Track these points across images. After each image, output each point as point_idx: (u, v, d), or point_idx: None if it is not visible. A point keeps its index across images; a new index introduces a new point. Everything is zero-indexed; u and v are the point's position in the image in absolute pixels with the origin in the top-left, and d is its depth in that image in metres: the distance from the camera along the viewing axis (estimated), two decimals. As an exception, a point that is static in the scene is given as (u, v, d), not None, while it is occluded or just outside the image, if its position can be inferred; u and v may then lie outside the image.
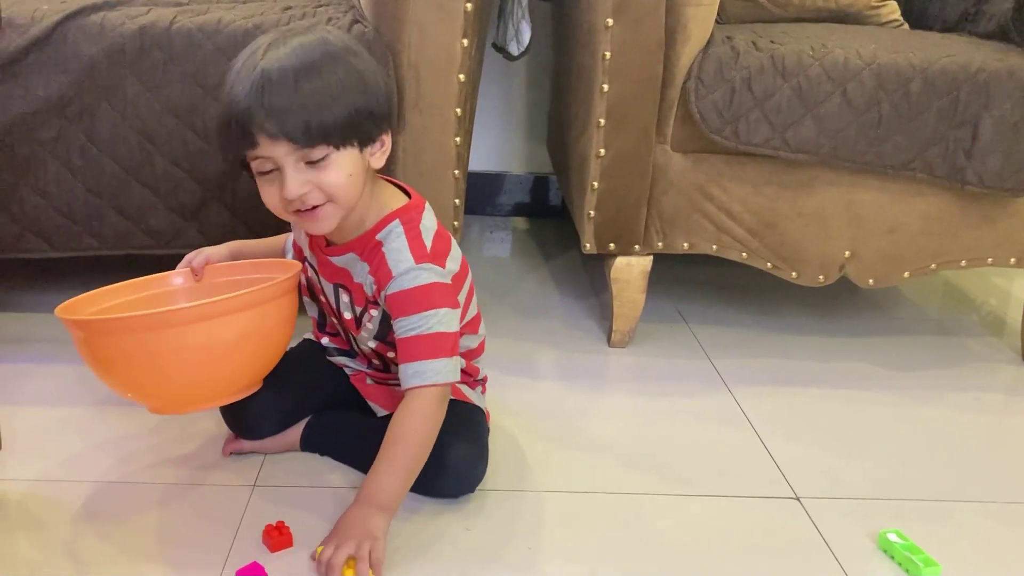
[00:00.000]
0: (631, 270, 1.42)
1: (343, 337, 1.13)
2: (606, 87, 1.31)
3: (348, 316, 1.05)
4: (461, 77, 1.25)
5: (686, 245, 1.42)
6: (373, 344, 1.06)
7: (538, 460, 1.14)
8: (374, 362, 1.12)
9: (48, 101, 1.23)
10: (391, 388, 1.12)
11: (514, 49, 1.72)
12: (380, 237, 0.98)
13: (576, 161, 1.47)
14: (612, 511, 1.05)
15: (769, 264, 1.43)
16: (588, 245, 1.41)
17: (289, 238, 1.14)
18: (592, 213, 1.39)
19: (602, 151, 1.35)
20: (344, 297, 1.04)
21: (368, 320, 1.03)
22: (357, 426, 1.11)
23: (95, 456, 1.10)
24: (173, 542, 0.95)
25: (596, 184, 1.37)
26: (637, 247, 1.41)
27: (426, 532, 0.99)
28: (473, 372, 1.13)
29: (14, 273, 1.54)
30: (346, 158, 0.92)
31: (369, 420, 1.11)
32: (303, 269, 1.08)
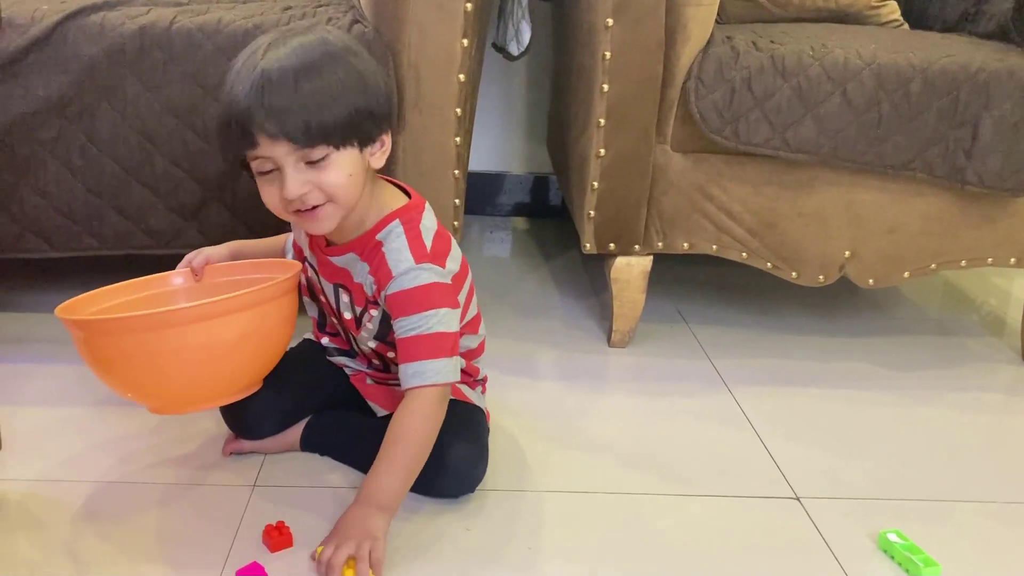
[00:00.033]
0: (631, 270, 1.42)
1: (343, 337, 1.13)
2: (606, 87, 1.32)
3: (348, 316, 1.05)
4: (461, 77, 1.25)
5: (686, 245, 1.42)
6: (373, 344, 1.06)
7: (538, 460, 1.14)
8: (374, 362, 1.12)
9: (48, 101, 1.23)
10: (391, 388, 1.12)
11: (514, 49, 1.72)
12: (380, 237, 0.98)
13: (576, 161, 1.47)
14: (612, 511, 1.05)
15: (769, 264, 1.43)
16: (588, 245, 1.41)
17: (289, 238, 1.13)
18: (592, 213, 1.39)
19: (602, 151, 1.35)
20: (344, 297, 1.04)
21: (368, 320, 1.03)
22: (357, 426, 1.11)
23: (95, 456, 1.10)
24: (173, 542, 0.95)
25: (596, 184, 1.37)
26: (637, 247, 1.41)
27: (426, 532, 0.99)
28: (473, 372, 1.13)
29: (14, 273, 1.54)
30: (346, 158, 0.92)
31: (369, 420, 1.11)
32: (303, 269, 1.08)
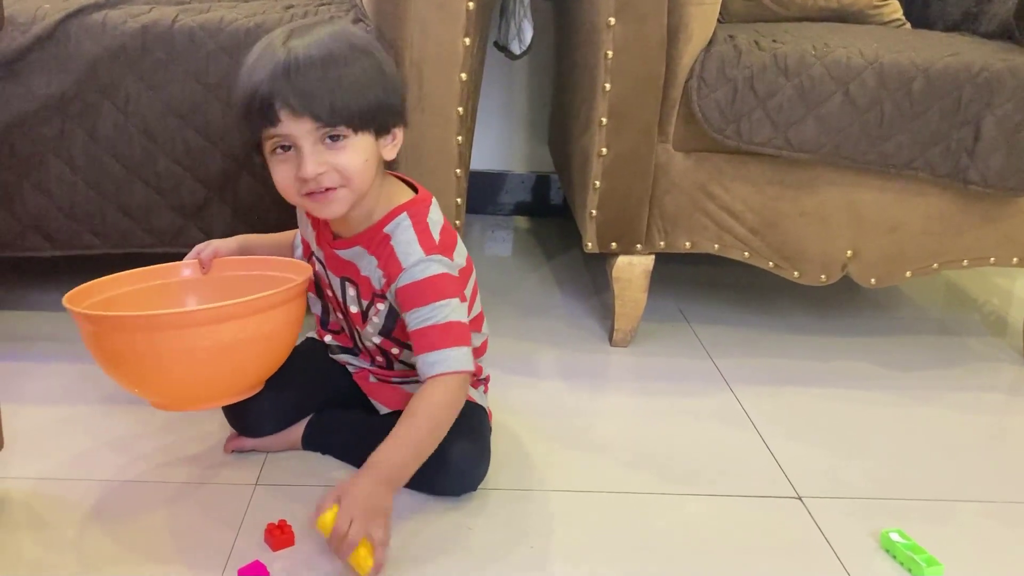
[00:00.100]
0: (633, 269, 1.42)
1: (347, 334, 1.13)
2: (608, 86, 1.31)
3: (355, 310, 1.05)
4: (463, 76, 1.25)
5: (688, 244, 1.41)
6: (378, 340, 1.06)
7: (540, 459, 1.14)
8: (377, 359, 1.12)
9: (50, 99, 1.23)
10: (394, 386, 1.12)
11: (516, 48, 1.72)
12: (388, 230, 0.99)
13: (578, 160, 1.47)
14: (614, 510, 1.05)
15: (771, 263, 1.42)
16: (590, 244, 1.41)
17: (298, 234, 1.13)
18: (594, 212, 1.39)
19: (604, 150, 1.35)
20: (351, 291, 1.04)
21: (375, 314, 1.04)
22: (359, 425, 1.11)
23: (96, 455, 1.10)
24: (175, 541, 0.95)
25: (598, 183, 1.37)
26: (639, 246, 1.41)
27: (427, 530, 0.99)
28: (476, 371, 1.13)
29: (16, 271, 1.54)
30: (362, 143, 0.94)
31: (371, 419, 1.11)
32: (311, 264, 1.08)
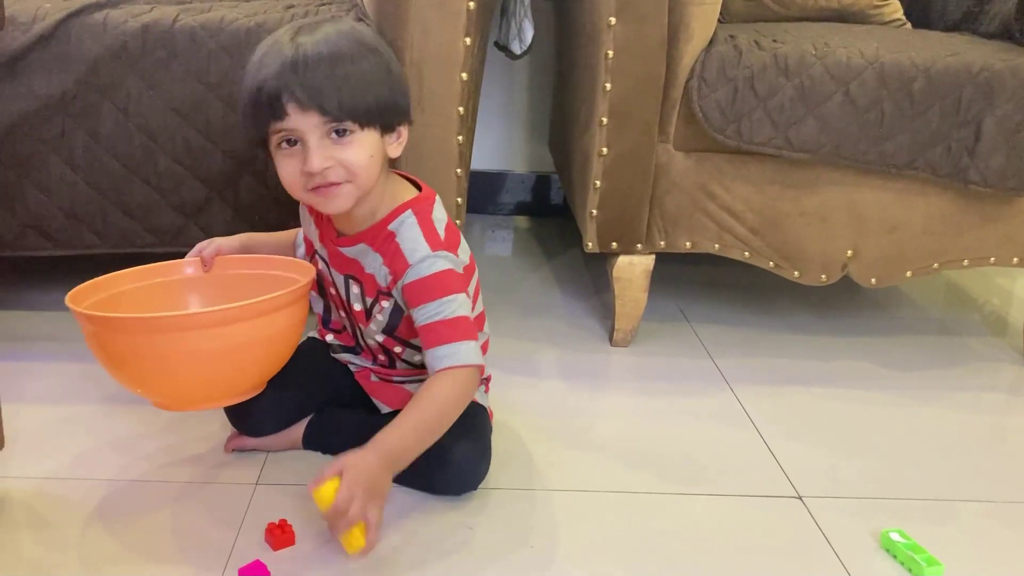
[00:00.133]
0: (633, 269, 1.42)
1: (348, 332, 1.13)
2: (609, 86, 1.31)
3: (358, 308, 1.05)
4: (463, 76, 1.25)
5: (688, 244, 1.42)
6: (380, 338, 1.06)
7: (540, 459, 1.14)
8: (379, 358, 1.12)
9: (51, 99, 1.23)
10: (396, 385, 1.12)
11: (516, 48, 1.72)
12: (392, 227, 0.99)
13: (578, 160, 1.47)
14: (614, 510, 1.05)
15: (771, 263, 1.42)
16: (590, 244, 1.41)
17: (300, 233, 1.14)
18: (594, 212, 1.39)
19: (604, 150, 1.35)
20: (355, 288, 1.04)
21: (379, 311, 1.04)
22: (360, 424, 1.10)
23: (96, 454, 1.10)
24: (175, 541, 0.95)
25: (598, 183, 1.37)
26: (639, 246, 1.41)
27: (428, 530, 0.99)
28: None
29: (16, 271, 1.54)
30: (369, 139, 0.94)
31: (372, 418, 1.11)
32: (314, 263, 1.08)
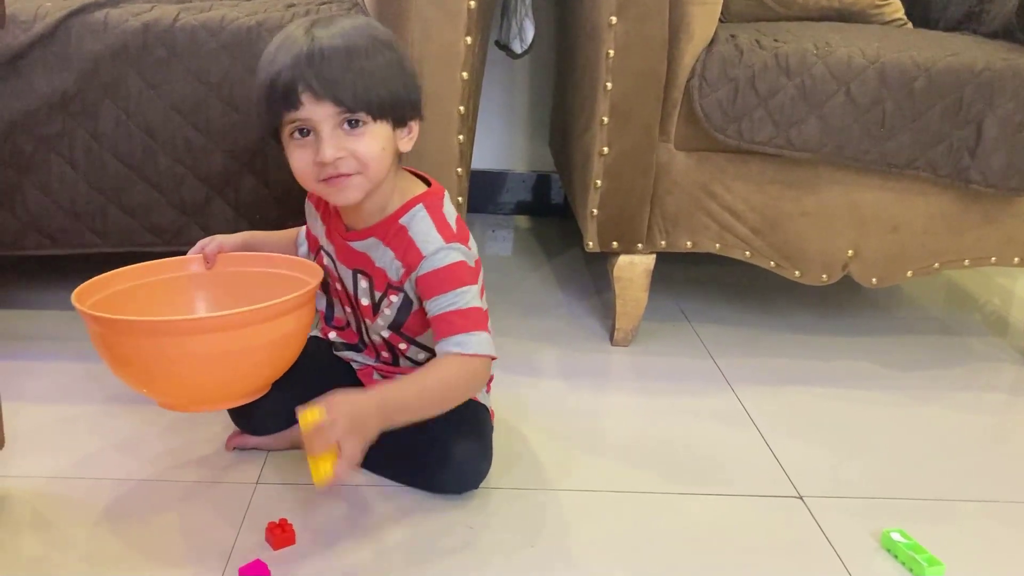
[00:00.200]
0: (634, 268, 1.42)
1: (352, 329, 1.13)
2: (609, 85, 1.31)
3: (365, 302, 1.05)
4: (464, 75, 1.25)
5: (689, 244, 1.41)
6: (386, 334, 1.06)
7: (541, 458, 1.14)
8: (383, 355, 1.11)
9: (51, 98, 1.23)
10: (399, 383, 1.12)
11: (517, 47, 1.72)
12: (403, 222, 0.99)
13: (579, 159, 1.47)
14: (614, 509, 1.05)
15: (772, 263, 1.42)
16: (591, 243, 1.41)
17: (302, 231, 1.14)
18: (595, 211, 1.39)
19: (605, 149, 1.35)
20: (363, 283, 1.04)
21: (387, 306, 1.03)
22: (360, 424, 1.11)
23: (96, 454, 1.10)
24: (175, 540, 0.95)
25: (599, 182, 1.37)
26: (640, 245, 1.41)
27: (429, 528, 0.99)
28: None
29: (17, 270, 1.54)
30: (381, 131, 0.95)
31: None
32: (318, 259, 1.08)
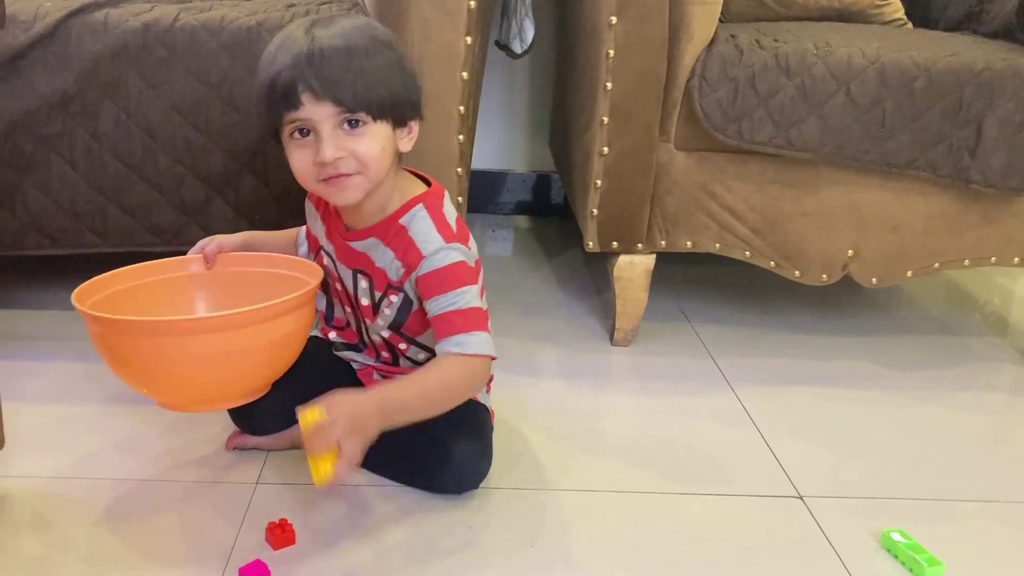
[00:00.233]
0: (634, 268, 1.42)
1: (352, 329, 1.13)
2: (609, 85, 1.31)
3: (365, 302, 1.05)
4: (464, 75, 1.24)
5: (689, 244, 1.41)
6: (386, 334, 1.06)
7: (541, 458, 1.14)
8: (383, 355, 1.11)
9: (51, 98, 1.23)
10: (398, 383, 1.12)
11: (517, 47, 1.72)
12: (403, 221, 1.00)
13: (579, 159, 1.47)
14: (615, 509, 1.05)
15: (772, 263, 1.42)
16: (591, 243, 1.41)
17: (302, 231, 1.14)
18: (595, 211, 1.39)
19: (605, 149, 1.35)
20: (363, 283, 1.04)
21: (387, 306, 1.03)
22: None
23: (96, 454, 1.10)
24: (175, 540, 0.95)
25: (599, 182, 1.37)
26: (640, 245, 1.41)
27: (429, 528, 0.99)
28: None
29: (17, 270, 1.54)
30: (381, 131, 0.95)
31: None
32: (319, 259, 1.08)
